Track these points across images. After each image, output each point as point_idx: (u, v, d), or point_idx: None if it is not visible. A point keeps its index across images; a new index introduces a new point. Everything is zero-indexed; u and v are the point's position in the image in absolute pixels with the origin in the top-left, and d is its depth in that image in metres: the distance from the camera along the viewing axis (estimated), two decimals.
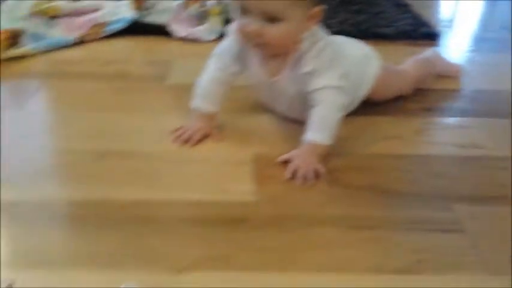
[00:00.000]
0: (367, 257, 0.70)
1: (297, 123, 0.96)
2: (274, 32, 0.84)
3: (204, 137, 0.95)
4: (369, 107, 1.06)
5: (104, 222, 0.74)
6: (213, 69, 0.97)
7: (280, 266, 0.68)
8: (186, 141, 0.94)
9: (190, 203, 0.79)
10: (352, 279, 0.66)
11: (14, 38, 1.31)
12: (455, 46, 1.59)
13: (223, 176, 0.86)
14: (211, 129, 0.97)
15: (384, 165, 0.91)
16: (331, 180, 0.86)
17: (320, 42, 0.89)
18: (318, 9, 0.86)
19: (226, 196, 0.81)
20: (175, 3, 1.53)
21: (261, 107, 1.05)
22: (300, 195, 0.82)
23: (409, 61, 1.22)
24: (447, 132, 1.04)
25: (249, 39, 0.87)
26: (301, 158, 0.87)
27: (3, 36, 1.29)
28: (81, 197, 0.79)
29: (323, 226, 0.75)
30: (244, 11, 0.84)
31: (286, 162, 0.87)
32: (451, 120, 1.09)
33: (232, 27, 0.94)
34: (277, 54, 0.91)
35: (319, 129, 0.88)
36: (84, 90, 1.15)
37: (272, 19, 0.83)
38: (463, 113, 1.12)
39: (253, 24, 0.83)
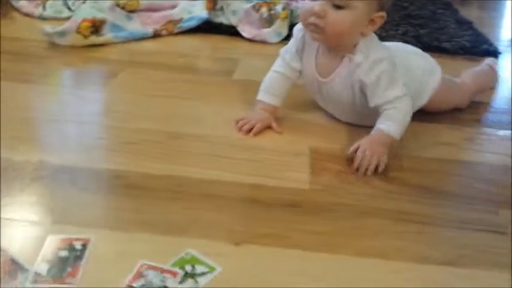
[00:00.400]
0: (412, 248, 0.74)
1: None
2: (334, 16, 0.88)
3: (265, 128, 1.02)
4: (425, 114, 1.10)
5: (173, 196, 0.81)
6: (277, 66, 1.05)
7: (329, 248, 0.73)
8: (249, 131, 1.00)
9: (251, 185, 0.85)
10: (397, 266, 0.70)
11: (96, 26, 1.43)
12: None
13: (282, 164, 0.92)
14: (272, 121, 1.03)
15: (436, 169, 0.95)
16: (386, 178, 0.90)
17: (376, 54, 0.93)
18: (382, 14, 0.91)
19: (283, 182, 0.87)
20: (246, 5, 1.62)
21: (315, 104, 1.10)
22: (352, 188, 0.87)
23: (467, 73, 1.24)
24: (497, 143, 1.07)
25: (310, 22, 0.91)
26: (369, 145, 0.90)
27: (85, 24, 1.41)
28: (151, 171, 0.87)
29: (373, 217, 0.80)
30: None
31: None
32: (501, 132, 1.11)
33: (297, 28, 1.01)
34: (332, 47, 0.96)
35: (393, 122, 0.92)
36: (158, 79, 1.25)
37: (337, 6, 0.88)
38: None
39: (318, 4, 0.88)
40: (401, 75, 0.97)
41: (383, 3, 0.92)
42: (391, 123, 0.93)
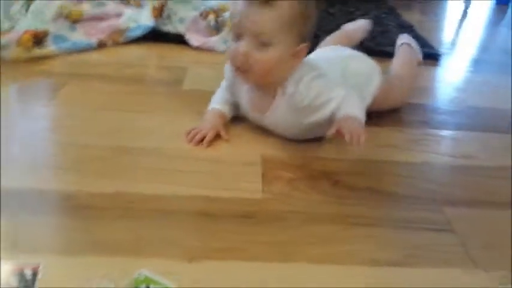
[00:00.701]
0: (362, 251, 0.76)
1: None
2: (259, 57, 0.90)
3: (215, 137, 1.02)
4: (369, 118, 1.14)
5: (121, 214, 0.80)
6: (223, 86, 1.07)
7: (283, 258, 0.74)
8: (199, 141, 1.00)
9: (203, 198, 0.85)
10: (349, 271, 0.72)
11: (39, 38, 1.39)
12: (456, 67, 1.67)
13: (234, 174, 0.93)
14: (222, 128, 1.03)
15: (381, 171, 0.98)
16: (333, 182, 0.92)
17: (307, 77, 0.93)
18: (304, 46, 0.93)
19: (236, 193, 0.87)
20: (193, 13, 1.62)
21: None
22: (303, 195, 0.88)
23: (394, 65, 1.32)
24: (442, 144, 1.12)
25: (236, 63, 0.92)
26: (345, 122, 0.88)
27: (27, 37, 1.37)
28: (100, 189, 0.85)
29: (323, 223, 0.82)
30: (238, 35, 0.91)
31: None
32: (445, 132, 1.17)
33: (226, 68, 1.02)
34: (260, 86, 0.97)
35: (354, 107, 0.92)
36: (103, 91, 1.23)
37: (261, 45, 0.89)
38: (458, 127, 1.20)
39: (243, 46, 0.89)
40: (341, 83, 0.99)
41: (304, 35, 0.93)
42: (351, 107, 0.92)
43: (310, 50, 1.05)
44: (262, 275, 0.70)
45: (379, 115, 1.14)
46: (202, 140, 1.00)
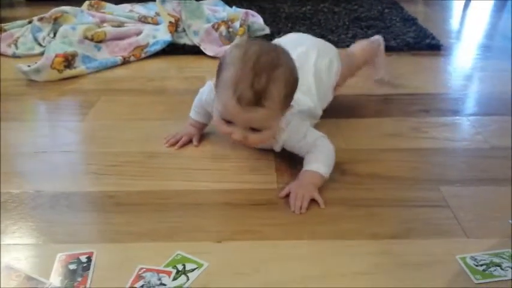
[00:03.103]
0: (365, 227, 0.87)
1: None
2: (257, 138, 0.93)
3: (188, 142, 1.13)
4: (373, 110, 1.25)
5: (157, 208, 0.93)
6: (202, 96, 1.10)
7: (295, 236, 0.85)
8: (173, 144, 1.12)
9: (224, 191, 0.98)
10: (353, 244, 0.83)
11: (69, 60, 1.54)
12: (461, 55, 1.76)
13: (250, 169, 1.04)
14: (195, 136, 1.13)
15: (384, 158, 1.09)
16: (341, 171, 1.03)
17: (286, 119, 0.98)
18: (291, 105, 0.95)
19: (253, 185, 0.99)
20: (206, 25, 1.75)
21: None
22: None
23: (357, 45, 1.41)
24: (441, 129, 1.21)
25: (232, 140, 0.96)
26: (299, 188, 0.92)
27: (59, 60, 1.51)
28: (136, 188, 0.98)
29: (331, 206, 0.92)
30: (228, 121, 0.92)
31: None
32: (445, 119, 1.26)
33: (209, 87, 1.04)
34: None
35: (323, 163, 0.96)
36: (131, 104, 1.36)
37: (256, 129, 0.91)
38: (457, 113, 1.30)
39: (237, 134, 0.91)
40: (311, 86, 1.08)
41: (291, 100, 0.94)
42: (320, 163, 0.96)
43: None
44: (276, 251, 0.82)
45: (383, 105, 1.24)
46: (175, 143, 1.12)
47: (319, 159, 0.97)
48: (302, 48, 1.14)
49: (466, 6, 2.43)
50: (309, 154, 0.99)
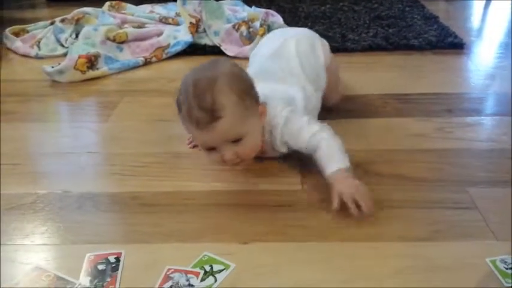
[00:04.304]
0: (392, 229, 0.86)
1: None
2: (245, 149, 0.93)
3: None
4: (395, 109, 1.24)
5: (184, 208, 0.93)
6: None
7: (320, 238, 0.85)
8: (196, 145, 1.09)
9: (250, 192, 0.98)
10: (380, 247, 0.82)
11: (92, 61, 1.55)
12: (483, 53, 1.74)
13: (276, 169, 1.04)
14: None
15: (408, 158, 1.07)
16: (364, 171, 1.02)
17: (277, 120, 0.97)
18: (262, 106, 0.95)
19: (277, 186, 0.99)
20: (227, 25, 1.75)
21: None
22: None
23: None
24: (466, 130, 1.20)
25: (228, 164, 0.95)
26: (344, 188, 0.88)
27: (82, 61, 1.53)
28: (162, 189, 0.99)
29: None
30: (210, 148, 0.93)
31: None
32: (470, 119, 1.24)
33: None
34: None
35: (340, 157, 0.93)
36: (153, 105, 1.37)
37: (237, 140, 0.91)
38: (481, 113, 1.28)
39: (226, 153, 0.91)
40: (293, 69, 1.08)
41: (255, 97, 0.94)
42: (335, 160, 0.92)
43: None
44: (303, 253, 0.82)
45: (405, 105, 1.23)
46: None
47: (332, 156, 0.93)
48: (280, 39, 1.18)
49: (487, 4, 2.39)
50: (317, 154, 0.95)
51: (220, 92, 0.88)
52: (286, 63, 1.10)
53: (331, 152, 0.94)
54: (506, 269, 0.77)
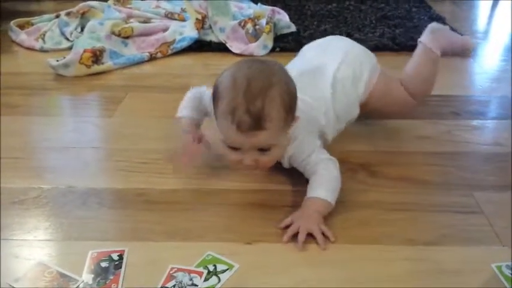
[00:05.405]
0: (399, 232, 0.86)
1: None
2: (267, 159, 0.89)
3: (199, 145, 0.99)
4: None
5: (189, 206, 0.92)
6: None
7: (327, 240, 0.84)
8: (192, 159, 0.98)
9: (255, 191, 0.97)
10: (388, 250, 0.82)
11: (97, 55, 1.54)
12: (489, 56, 1.72)
13: (283, 170, 1.01)
14: (201, 136, 1.00)
15: (416, 161, 1.07)
16: (370, 173, 1.02)
17: (294, 135, 0.93)
18: (296, 118, 0.89)
19: (285, 186, 0.98)
20: (232, 22, 1.74)
21: None
22: (343, 185, 0.97)
23: (407, 67, 1.16)
24: (473, 133, 1.19)
25: (243, 167, 0.91)
26: (302, 219, 0.85)
27: (87, 55, 1.52)
28: (167, 186, 0.98)
29: (363, 209, 0.91)
30: (234, 147, 0.88)
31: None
32: (477, 122, 1.24)
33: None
34: None
35: (326, 188, 0.89)
36: (158, 100, 1.36)
37: (264, 149, 0.87)
38: (489, 116, 1.27)
39: (248, 159, 0.87)
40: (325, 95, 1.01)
41: (294, 112, 0.89)
42: (322, 190, 0.89)
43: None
44: (308, 254, 0.81)
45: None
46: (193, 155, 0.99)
47: (323, 184, 0.90)
48: (325, 55, 1.09)
49: (494, 5, 2.38)
50: (312, 177, 0.92)
51: (273, 102, 0.82)
52: (318, 86, 1.03)
53: (322, 181, 0.91)
54: None
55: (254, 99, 0.81)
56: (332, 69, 1.05)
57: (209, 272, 0.76)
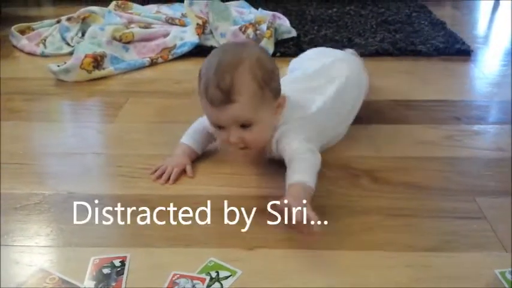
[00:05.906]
0: (402, 238, 0.85)
1: None
2: (252, 135, 0.93)
3: (180, 174, 1.03)
4: (403, 116, 1.23)
5: (193, 212, 0.91)
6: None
7: (330, 245, 0.84)
8: (166, 181, 1.01)
9: (257, 197, 0.96)
10: (390, 256, 0.82)
11: (98, 61, 1.54)
12: (490, 60, 1.72)
13: (284, 175, 1.02)
14: (188, 166, 1.04)
15: (417, 166, 1.06)
16: (372, 179, 1.02)
17: (285, 121, 0.97)
18: (281, 98, 0.95)
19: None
20: (233, 27, 1.74)
21: None
22: (345, 191, 0.98)
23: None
24: (474, 138, 1.19)
25: (232, 147, 0.96)
26: (292, 198, 0.81)
27: (88, 60, 1.52)
28: (170, 192, 0.98)
29: (365, 215, 0.91)
30: (219, 127, 0.94)
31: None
32: (478, 127, 1.23)
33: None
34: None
35: (307, 173, 0.89)
36: (159, 106, 1.36)
37: (246, 125, 0.92)
38: (490, 121, 1.27)
39: (232, 136, 0.92)
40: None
41: (276, 89, 0.94)
42: (304, 173, 0.89)
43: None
44: (310, 261, 0.81)
45: (413, 112, 1.22)
46: (168, 179, 1.01)
47: (302, 168, 0.89)
48: (329, 58, 1.18)
49: (494, 8, 2.38)
50: (290, 163, 0.92)
51: (241, 76, 0.89)
52: (323, 85, 1.09)
53: (302, 165, 0.90)
54: None
55: (223, 75, 0.88)
56: (344, 72, 1.14)
57: (212, 278, 0.76)
